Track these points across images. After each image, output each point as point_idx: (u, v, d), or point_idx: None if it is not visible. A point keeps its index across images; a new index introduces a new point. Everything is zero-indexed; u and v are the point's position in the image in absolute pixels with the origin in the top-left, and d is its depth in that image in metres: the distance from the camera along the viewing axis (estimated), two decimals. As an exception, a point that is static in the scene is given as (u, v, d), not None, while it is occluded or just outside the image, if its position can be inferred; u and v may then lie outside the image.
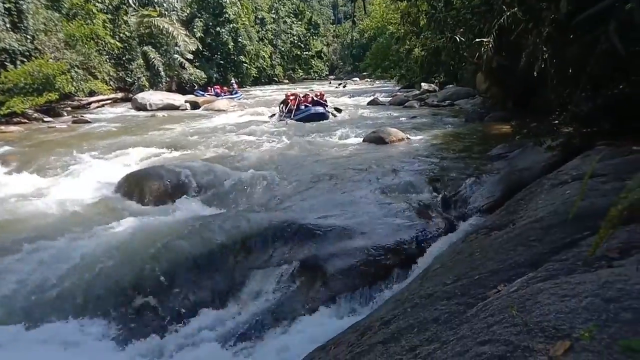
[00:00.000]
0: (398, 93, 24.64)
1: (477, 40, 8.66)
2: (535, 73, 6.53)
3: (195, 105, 22.00)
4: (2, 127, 14.99)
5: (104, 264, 4.46)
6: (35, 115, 17.11)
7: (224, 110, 20.02)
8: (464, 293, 2.41)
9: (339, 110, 16.31)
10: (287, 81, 50.31)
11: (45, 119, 17.11)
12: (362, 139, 10.71)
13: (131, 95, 24.01)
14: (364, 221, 5.22)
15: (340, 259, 4.42)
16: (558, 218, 2.82)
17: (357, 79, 50.74)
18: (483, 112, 13.46)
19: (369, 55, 30.30)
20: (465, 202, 5.57)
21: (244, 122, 15.49)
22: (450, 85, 22.34)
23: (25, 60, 17.35)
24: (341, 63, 74.70)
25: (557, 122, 6.47)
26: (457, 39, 10.02)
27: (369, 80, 44.82)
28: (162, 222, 5.49)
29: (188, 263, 4.52)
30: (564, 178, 3.81)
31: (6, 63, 16.86)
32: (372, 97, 22.75)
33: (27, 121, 16.47)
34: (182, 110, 21.53)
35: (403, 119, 14.87)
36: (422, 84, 24.06)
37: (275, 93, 31.19)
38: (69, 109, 20.06)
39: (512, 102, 12.48)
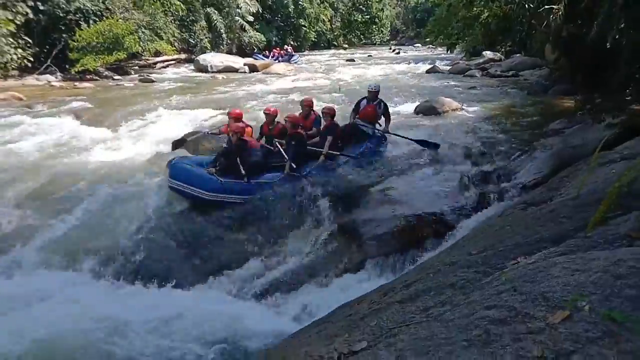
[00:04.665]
0: (460, 61, 23.62)
1: (546, 6, 8.15)
2: (607, 44, 6.11)
3: (253, 68, 22.34)
4: (77, 83, 16.10)
5: (159, 215, 4.89)
6: (106, 73, 18.22)
7: (280, 74, 20.21)
8: (484, 263, 2.48)
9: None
10: (346, 46, 49.31)
11: (114, 77, 18.19)
12: (414, 108, 10.53)
13: (193, 56, 24.73)
14: (404, 190, 5.29)
15: (376, 225, 4.55)
16: (594, 197, 2.77)
17: (418, 45, 48.92)
18: (548, 85, 12.72)
19: (432, 20, 28.99)
20: (511, 177, 5.44)
21: (299, 86, 15.62)
22: (517, 55, 21.08)
23: (97, 19, 18.29)
24: (404, 28, 72.06)
25: (626, 99, 6.09)
26: (526, 5, 9.46)
27: (431, 47, 43.13)
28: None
29: (236, 217, 4.85)
30: (614, 157, 3.66)
31: (80, 22, 17.87)
32: (431, 65, 22.01)
33: (98, 78, 17.56)
34: (241, 72, 21.95)
35: (461, 88, 14.36)
36: (487, 52, 22.88)
37: (333, 58, 30.93)
38: (136, 68, 21.12)
39: (580, 76, 11.68)
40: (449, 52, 23.34)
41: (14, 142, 8.24)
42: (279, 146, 5.64)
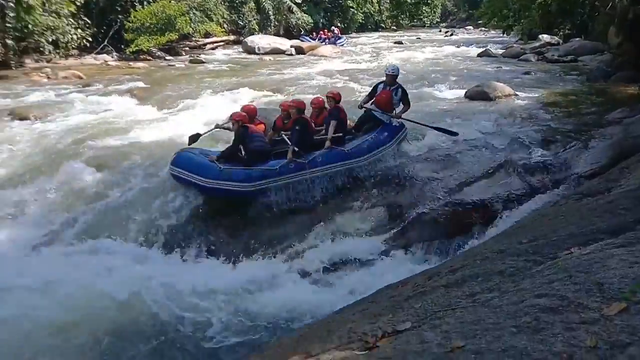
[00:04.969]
0: (514, 45, 22.59)
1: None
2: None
3: (300, 50, 22.34)
4: (131, 63, 16.75)
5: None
6: (158, 53, 18.80)
7: (327, 57, 20.12)
8: (535, 252, 2.43)
9: None
10: (394, 28, 48.20)
11: (166, 57, 18.75)
12: (464, 93, 10.24)
13: (241, 38, 25.02)
14: (452, 176, 5.22)
15: (423, 209, 4.53)
16: (658, 189, 2.64)
17: (470, 27, 47.12)
18: (609, 71, 11.96)
19: (486, 1, 27.78)
20: (566, 167, 5.22)
21: (345, 69, 15.51)
22: (577, 39, 19.92)
23: (150, 1, 18.82)
24: (455, 10, 69.49)
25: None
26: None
27: (483, 29, 41.46)
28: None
29: (282, 196, 4.95)
30: (682, 148, 3.44)
31: (135, 3, 18.46)
32: (483, 49, 21.19)
33: (151, 58, 18.17)
34: (288, 54, 22.01)
35: (515, 73, 13.77)
36: (543, 35, 21.73)
37: (380, 41, 30.40)
38: (187, 49, 21.63)
39: (647, 61, 10.92)
40: (504, 34, 22.26)
41: (74, 117, 8.74)
42: (284, 136, 5.39)
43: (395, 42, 28.02)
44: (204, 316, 3.19)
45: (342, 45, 25.53)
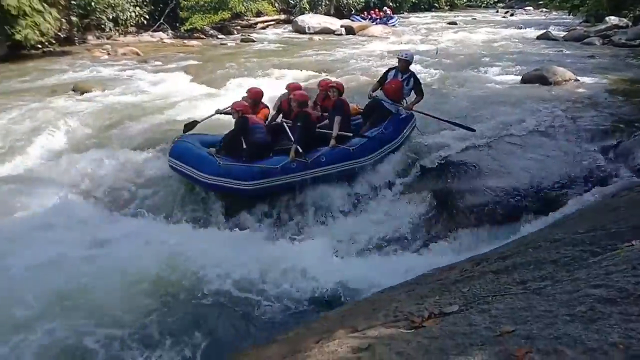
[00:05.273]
0: (577, 27, 21.26)
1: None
2: None
3: (350, 30, 22.06)
4: (185, 41, 17.17)
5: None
6: (211, 32, 19.17)
7: (377, 37, 19.77)
8: (592, 242, 2.35)
9: None
10: (447, 8, 46.54)
11: (218, 36, 19.08)
12: (521, 76, 9.82)
13: (292, 17, 25.00)
14: (506, 163, 5.09)
15: (472, 195, 4.46)
16: None
17: (530, 8, 44.66)
18: (685, 56, 11.09)
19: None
20: (629, 157, 4.94)
21: (396, 49, 15.18)
22: (649, 21, 18.50)
23: (206, -21, 19.13)
24: (514, -11, 65.99)
25: None
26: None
27: (544, 10, 39.25)
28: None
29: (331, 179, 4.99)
30: None
31: (191, -18, 18.85)
32: (543, 31, 20.08)
33: (204, 37, 18.54)
34: (337, 34, 21.80)
35: (577, 57, 13.00)
36: (610, 17, 20.29)
37: (434, 21, 29.48)
38: (238, 27, 21.91)
39: None
40: (570, 15, 20.87)
41: (132, 92, 9.14)
42: (286, 126, 5.09)
43: (448, 23, 27.10)
44: (253, 290, 3.31)
45: (394, 25, 24.94)
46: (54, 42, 13.42)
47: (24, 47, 12.42)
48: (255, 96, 5.42)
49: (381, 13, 27.35)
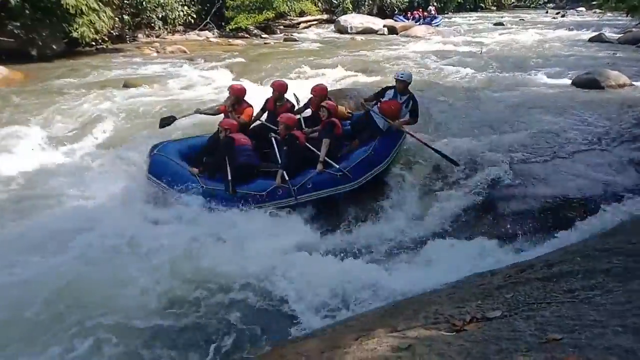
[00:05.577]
0: (634, 29, 20.21)
1: None
2: None
3: (392, 30, 21.89)
4: (230, 40, 17.59)
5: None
6: (255, 31, 19.54)
7: (421, 37, 19.49)
8: (647, 254, 2.26)
9: None
10: (494, 8, 45.24)
11: (262, 35, 19.42)
12: (571, 80, 9.45)
13: (335, 17, 25.08)
14: (554, 169, 4.93)
15: (516, 201, 4.36)
16: None
17: (582, 8, 42.78)
18: None
19: (603, -21, 24.94)
20: (688, 167, 4.69)
21: (439, 50, 14.94)
22: None
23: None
24: (566, -12, 63.41)
25: None
26: None
27: (598, 11, 37.51)
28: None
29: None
30: None
31: (237, -18, 19.26)
32: (596, 33, 19.23)
33: (248, 36, 18.92)
34: (380, 34, 21.67)
35: (632, 61, 12.35)
36: (673, 18, 19.15)
37: (479, 21, 28.79)
38: (281, 27, 22.22)
39: None
40: (628, 16, 19.80)
41: (179, 89, 9.47)
42: (275, 142, 4.89)
43: (495, 24, 26.40)
44: (290, 288, 3.36)
45: (438, 25, 24.51)
46: (107, 39, 14.08)
47: (79, 44, 13.10)
48: (237, 93, 5.24)
49: (425, 13, 26.98)
